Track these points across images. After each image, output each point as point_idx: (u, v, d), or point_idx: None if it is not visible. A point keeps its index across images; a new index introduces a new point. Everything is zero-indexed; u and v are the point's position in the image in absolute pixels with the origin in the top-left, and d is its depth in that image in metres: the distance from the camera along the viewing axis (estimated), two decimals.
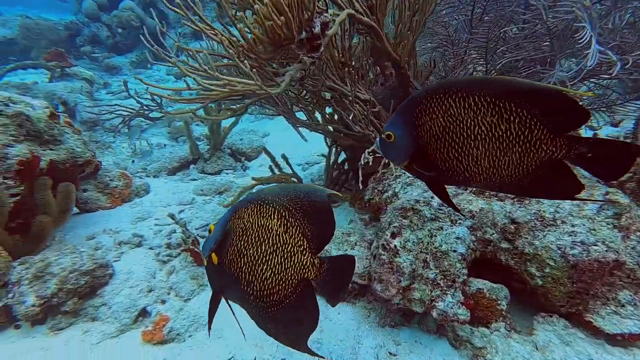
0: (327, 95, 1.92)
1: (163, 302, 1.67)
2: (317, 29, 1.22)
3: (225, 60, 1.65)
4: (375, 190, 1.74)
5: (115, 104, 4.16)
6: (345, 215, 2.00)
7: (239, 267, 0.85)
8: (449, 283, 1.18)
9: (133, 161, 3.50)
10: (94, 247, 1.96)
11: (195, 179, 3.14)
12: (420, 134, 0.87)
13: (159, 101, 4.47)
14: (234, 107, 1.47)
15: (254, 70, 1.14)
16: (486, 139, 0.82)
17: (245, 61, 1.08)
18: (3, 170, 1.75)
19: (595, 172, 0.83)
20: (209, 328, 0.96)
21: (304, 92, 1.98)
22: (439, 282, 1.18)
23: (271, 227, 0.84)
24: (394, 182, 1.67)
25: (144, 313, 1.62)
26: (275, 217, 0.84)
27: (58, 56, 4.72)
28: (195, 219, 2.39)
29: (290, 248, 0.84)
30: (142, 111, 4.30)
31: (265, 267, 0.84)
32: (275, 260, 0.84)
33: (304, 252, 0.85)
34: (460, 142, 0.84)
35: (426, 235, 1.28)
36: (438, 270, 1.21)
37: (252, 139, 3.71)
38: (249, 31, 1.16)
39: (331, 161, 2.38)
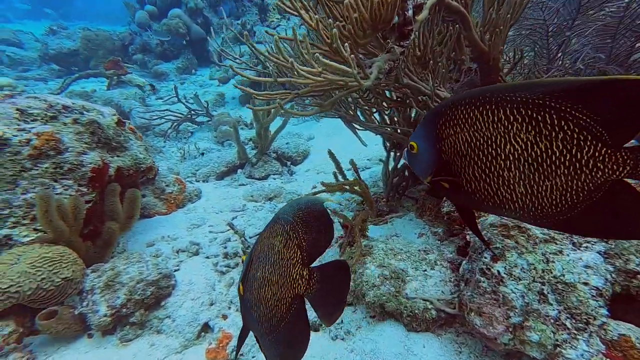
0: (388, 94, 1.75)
1: (224, 317, 1.61)
2: (409, 12, 1.06)
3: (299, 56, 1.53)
4: None
5: (166, 109, 4.31)
6: (412, 227, 1.82)
7: (251, 294, 0.83)
8: (581, 325, 0.97)
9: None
10: (154, 255, 1.96)
11: (243, 184, 3.11)
12: (443, 148, 0.78)
13: (206, 105, 4.58)
14: (321, 102, 1.33)
15: (352, 55, 1.00)
16: (520, 160, 0.69)
17: (346, 44, 0.94)
18: (78, 177, 1.78)
19: None
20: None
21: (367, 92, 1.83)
22: (564, 322, 0.97)
23: (275, 245, 0.82)
24: None
25: (206, 328, 1.57)
26: (280, 233, 0.82)
27: (115, 65, 5.01)
28: (248, 226, 2.33)
29: (286, 262, 0.81)
30: (189, 116, 4.42)
31: (267, 288, 0.81)
32: (274, 279, 0.81)
33: (295, 265, 0.81)
34: (487, 161, 0.72)
35: (539, 261, 1.07)
36: (562, 307, 0.99)
37: (297, 143, 3.63)
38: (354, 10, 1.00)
39: (390, 167, 2.21)
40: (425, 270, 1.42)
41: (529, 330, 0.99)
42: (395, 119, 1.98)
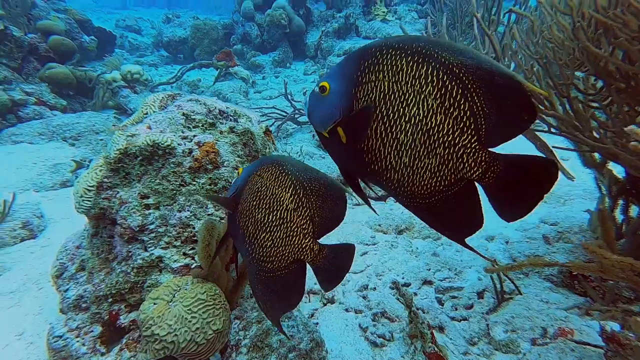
0: None
1: None
2: None
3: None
4: None
5: (273, 106, 4.15)
6: None
7: (245, 225, 0.89)
8: None
9: None
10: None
11: (360, 204, 2.73)
12: (358, 94, 0.70)
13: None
14: None
15: None
16: (419, 125, 0.66)
17: None
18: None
19: (504, 203, 0.66)
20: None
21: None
22: None
23: (283, 200, 0.85)
24: None
25: None
26: (290, 192, 0.84)
27: (227, 56, 5.03)
28: (386, 270, 1.92)
29: (295, 228, 0.84)
30: (293, 115, 4.20)
31: (267, 236, 0.86)
32: (278, 234, 0.85)
33: (306, 236, 0.85)
34: (393, 118, 0.67)
35: None
36: None
37: None
38: None
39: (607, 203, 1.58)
40: None
41: None
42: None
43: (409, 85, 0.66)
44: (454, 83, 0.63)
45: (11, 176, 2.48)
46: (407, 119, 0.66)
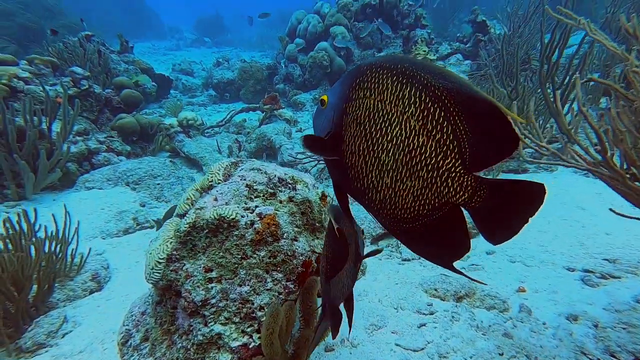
0: None
1: None
2: None
3: None
4: None
5: None
6: None
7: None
8: None
9: None
10: None
11: (408, 259, 2.58)
12: (348, 110, 0.72)
13: None
14: None
15: None
16: (400, 146, 0.66)
17: None
18: (288, 270, 1.51)
19: (491, 227, 0.65)
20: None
21: None
22: None
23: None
24: None
25: None
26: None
27: (273, 99, 5.31)
28: (452, 352, 1.75)
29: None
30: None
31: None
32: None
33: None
34: (376, 136, 0.68)
35: None
36: None
37: None
38: None
39: None
40: None
41: None
42: None
43: (392, 105, 0.66)
44: (436, 105, 0.63)
45: (83, 224, 2.70)
46: (389, 139, 0.66)
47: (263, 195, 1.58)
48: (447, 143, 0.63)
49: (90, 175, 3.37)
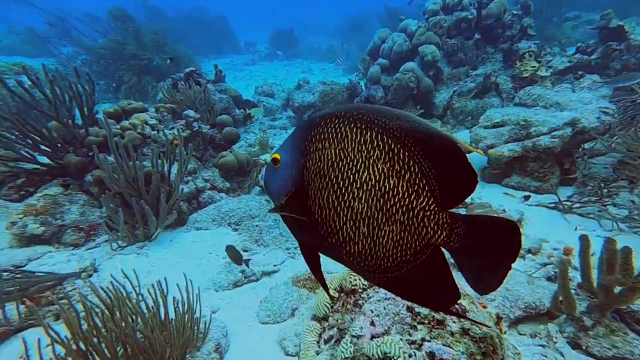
0: None
1: None
2: None
3: None
4: None
5: None
6: None
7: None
8: None
9: None
10: None
11: None
12: (307, 164, 0.71)
13: None
14: None
15: None
16: (372, 191, 0.65)
17: None
18: None
19: (475, 273, 0.63)
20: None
21: None
22: None
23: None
24: None
25: None
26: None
27: None
28: None
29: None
30: None
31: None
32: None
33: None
34: (344, 186, 0.67)
35: None
36: None
37: None
38: None
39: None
40: None
41: None
42: None
43: (356, 152, 0.66)
44: (399, 146, 0.64)
45: (196, 272, 2.79)
46: (359, 185, 0.65)
47: (428, 322, 1.33)
48: (417, 182, 0.64)
49: (198, 214, 3.57)
